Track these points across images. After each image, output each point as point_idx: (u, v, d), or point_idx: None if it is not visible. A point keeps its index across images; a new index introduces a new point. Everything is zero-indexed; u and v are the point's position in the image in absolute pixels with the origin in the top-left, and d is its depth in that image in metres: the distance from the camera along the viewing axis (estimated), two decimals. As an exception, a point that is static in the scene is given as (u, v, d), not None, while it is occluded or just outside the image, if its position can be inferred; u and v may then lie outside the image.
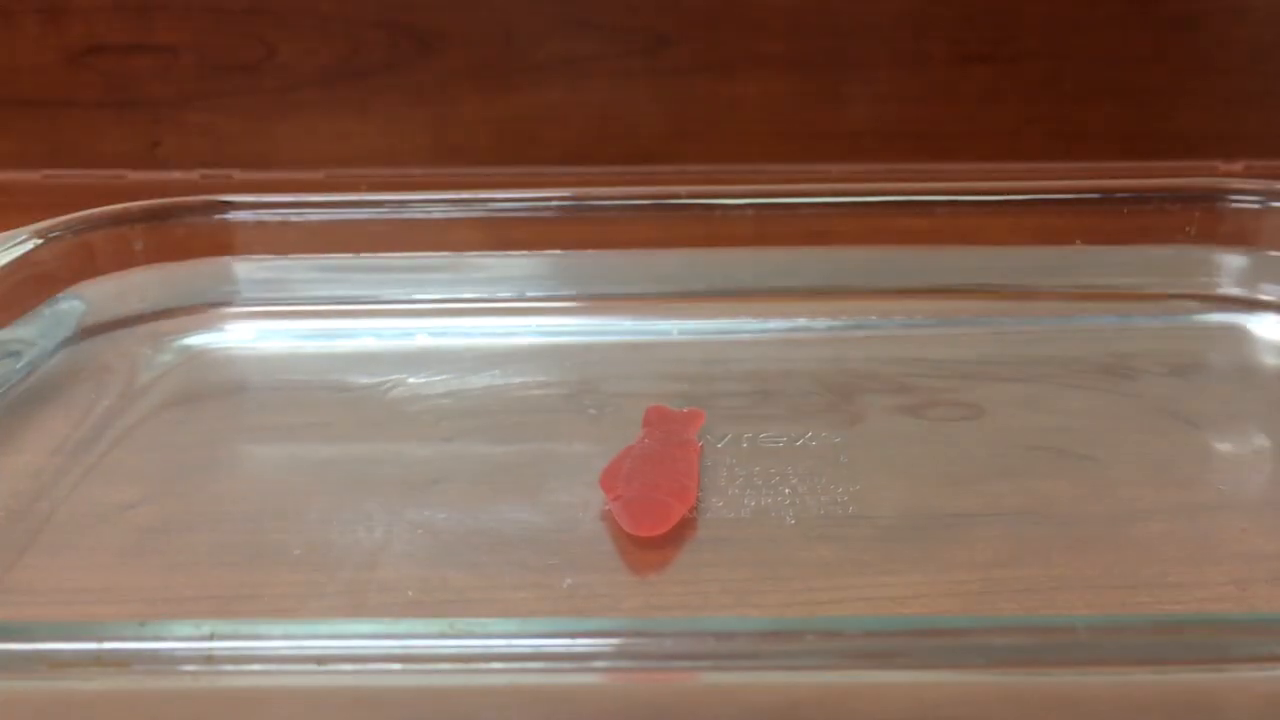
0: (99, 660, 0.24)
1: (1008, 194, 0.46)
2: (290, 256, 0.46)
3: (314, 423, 0.40)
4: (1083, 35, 0.59)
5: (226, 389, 0.43)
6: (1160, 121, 0.61)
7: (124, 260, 0.44)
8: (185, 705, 0.25)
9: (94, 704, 0.25)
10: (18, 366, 0.40)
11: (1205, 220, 0.46)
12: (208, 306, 0.45)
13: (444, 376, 0.42)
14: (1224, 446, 0.39)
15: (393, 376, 0.42)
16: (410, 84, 0.61)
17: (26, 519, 0.34)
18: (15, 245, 0.41)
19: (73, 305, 0.43)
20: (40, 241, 0.42)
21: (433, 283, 0.46)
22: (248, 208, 0.46)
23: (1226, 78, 0.60)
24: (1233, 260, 0.45)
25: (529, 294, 0.46)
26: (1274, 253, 0.45)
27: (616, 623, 0.28)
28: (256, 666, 0.24)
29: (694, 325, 0.45)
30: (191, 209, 0.46)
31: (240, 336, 0.45)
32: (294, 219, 0.46)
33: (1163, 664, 0.24)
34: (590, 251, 0.46)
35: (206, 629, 0.24)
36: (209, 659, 0.24)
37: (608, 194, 0.47)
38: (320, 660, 0.24)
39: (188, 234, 0.45)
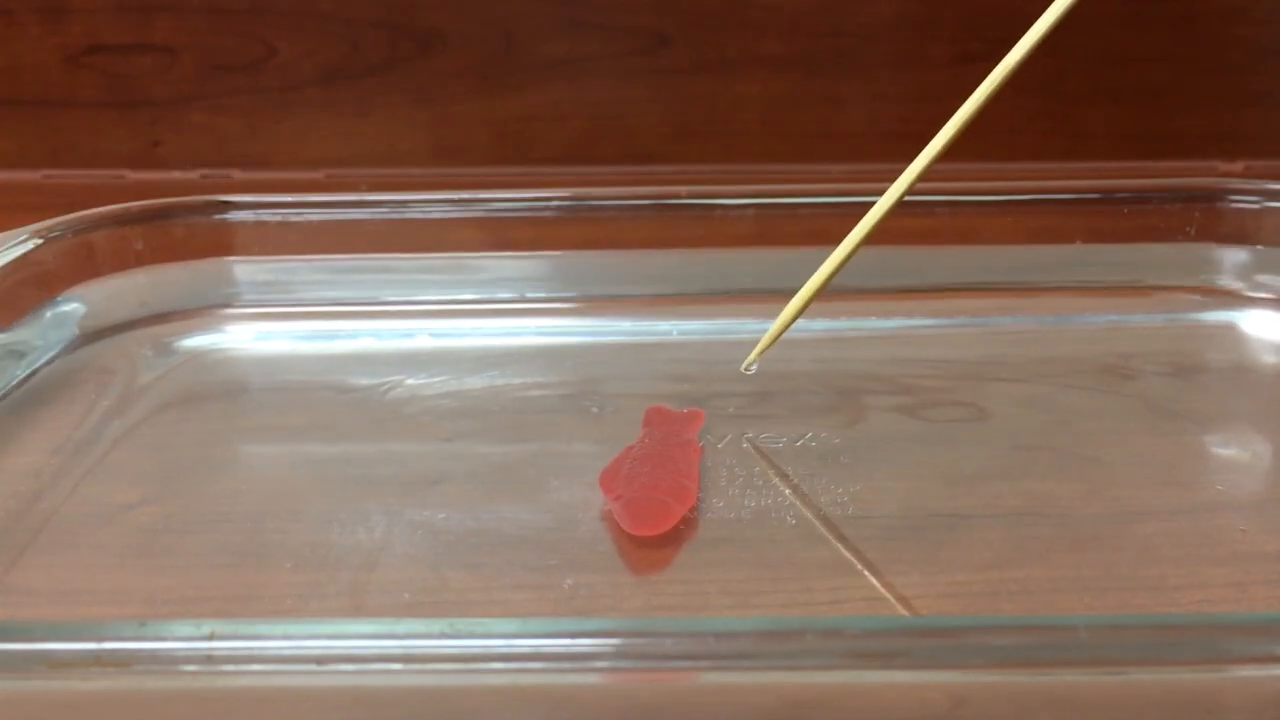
0: (99, 660, 0.24)
1: (1008, 194, 0.46)
2: (290, 257, 0.46)
3: (314, 424, 0.40)
4: (1083, 35, 0.59)
5: (227, 390, 0.43)
6: (1160, 121, 0.61)
7: (124, 261, 0.44)
8: (185, 705, 0.25)
9: (94, 704, 0.25)
10: (18, 368, 0.40)
11: (1205, 220, 0.46)
12: (208, 308, 0.45)
13: (444, 377, 0.42)
14: (1224, 446, 0.39)
15: (393, 377, 0.42)
16: (410, 84, 0.61)
17: (27, 519, 0.34)
18: (15, 245, 0.41)
19: (73, 306, 0.43)
20: (40, 241, 0.42)
21: (433, 283, 0.46)
22: (248, 208, 0.46)
23: (1226, 78, 0.60)
24: (1233, 260, 0.45)
25: (529, 294, 0.46)
26: (1273, 252, 0.45)
27: (616, 623, 0.28)
28: (256, 666, 0.24)
29: (694, 325, 0.45)
30: (191, 209, 0.46)
31: (240, 337, 0.45)
32: (294, 219, 0.46)
33: (1163, 664, 0.24)
34: (590, 252, 0.46)
35: (206, 629, 0.24)
36: (209, 659, 0.24)
37: (607, 194, 0.47)
38: (320, 660, 0.24)
39: (188, 234, 0.45)
